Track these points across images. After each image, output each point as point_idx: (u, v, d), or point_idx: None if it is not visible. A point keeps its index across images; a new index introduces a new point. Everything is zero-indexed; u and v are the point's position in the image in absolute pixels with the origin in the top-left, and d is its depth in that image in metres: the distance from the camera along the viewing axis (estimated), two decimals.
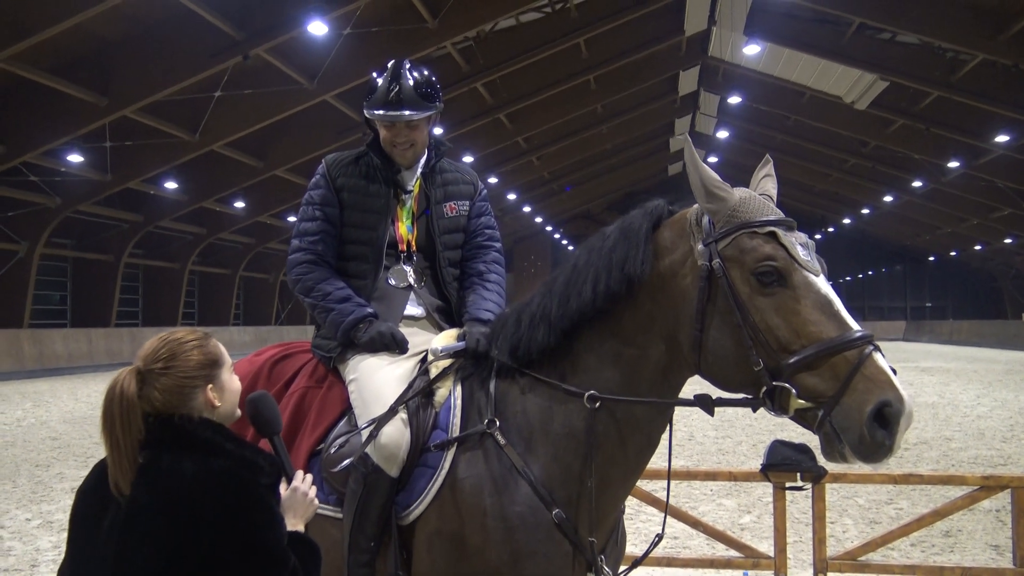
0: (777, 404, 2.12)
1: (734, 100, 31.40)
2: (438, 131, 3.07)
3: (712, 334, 2.22)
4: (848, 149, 34.98)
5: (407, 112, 2.74)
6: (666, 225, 2.42)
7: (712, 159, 41.40)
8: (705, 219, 2.30)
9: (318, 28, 17.54)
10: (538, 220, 51.74)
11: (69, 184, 23.56)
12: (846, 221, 51.86)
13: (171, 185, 26.35)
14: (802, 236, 2.25)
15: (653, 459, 2.50)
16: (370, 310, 2.73)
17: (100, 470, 1.91)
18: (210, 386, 1.92)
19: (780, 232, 2.20)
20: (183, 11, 16.93)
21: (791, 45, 24.10)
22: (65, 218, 25.00)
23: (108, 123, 19.99)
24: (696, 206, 2.36)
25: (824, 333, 2.08)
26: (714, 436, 11.43)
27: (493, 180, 34.98)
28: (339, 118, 23.55)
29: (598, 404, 2.35)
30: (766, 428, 11.97)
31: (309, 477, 2.15)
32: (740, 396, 2.25)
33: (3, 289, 24.04)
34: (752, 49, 24.23)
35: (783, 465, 5.10)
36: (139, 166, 23.39)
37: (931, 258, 57.29)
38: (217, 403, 1.94)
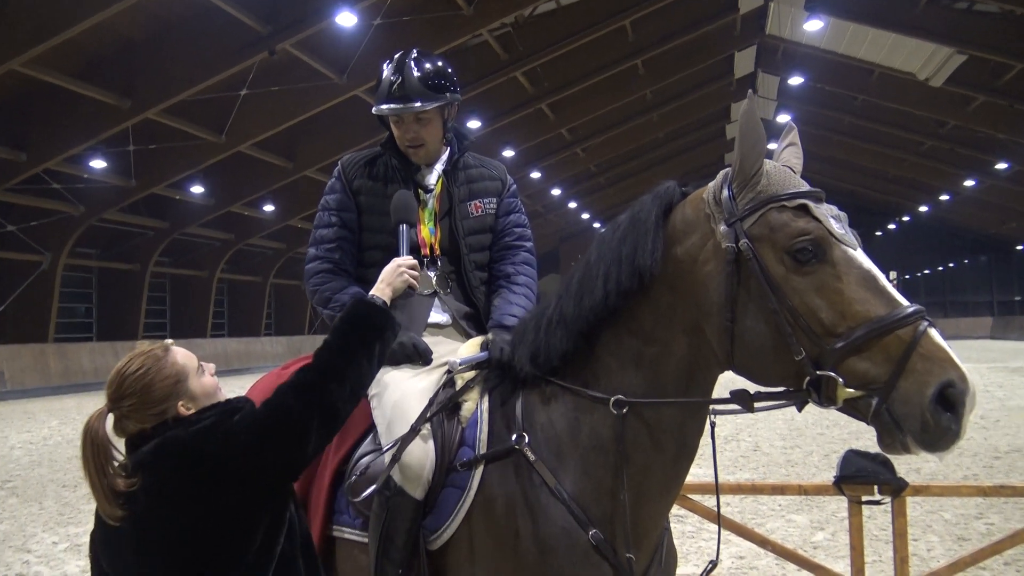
0: (824, 395, 2.02)
1: (795, 81, 30.85)
2: (474, 124, 3.03)
3: (745, 323, 2.13)
4: (924, 130, 34.21)
5: (416, 103, 2.71)
6: (679, 208, 2.34)
7: (772, 145, 40.78)
8: (725, 195, 2.21)
9: (347, 19, 17.73)
10: (585, 216, 51.64)
11: (92, 191, 24.12)
12: (923, 209, 50.80)
13: (197, 189, 26.86)
14: (832, 208, 2.16)
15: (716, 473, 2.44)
16: None
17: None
18: (181, 402, 2.16)
19: (811, 204, 2.13)
20: (207, 6, 17.24)
21: (857, 19, 23.64)
22: (89, 227, 25.58)
23: (131, 126, 20.42)
24: (712, 183, 2.29)
25: (872, 311, 1.99)
26: (782, 446, 11.24)
27: (536, 175, 34.99)
28: (371, 114, 23.63)
29: (625, 410, 2.29)
30: (839, 437, 11.73)
31: (409, 258, 2.46)
32: (779, 390, 2.17)
33: (27, 302, 24.64)
34: (814, 25, 23.80)
35: (859, 477, 4.97)
36: (164, 170, 23.83)
37: (1019, 247, 55.82)
38: (189, 413, 2.17)
